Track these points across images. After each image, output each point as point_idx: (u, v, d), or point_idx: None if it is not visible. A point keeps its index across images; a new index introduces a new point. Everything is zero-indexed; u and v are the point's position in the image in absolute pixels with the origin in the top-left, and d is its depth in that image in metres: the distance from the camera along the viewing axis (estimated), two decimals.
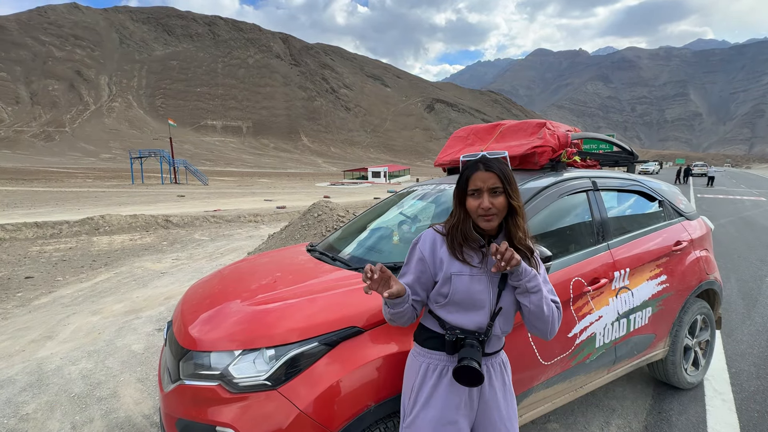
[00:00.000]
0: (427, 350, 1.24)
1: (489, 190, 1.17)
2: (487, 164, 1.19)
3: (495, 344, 1.26)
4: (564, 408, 2.44)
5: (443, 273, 1.22)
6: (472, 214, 1.21)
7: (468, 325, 1.20)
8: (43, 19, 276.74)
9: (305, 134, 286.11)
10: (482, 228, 1.21)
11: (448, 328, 1.21)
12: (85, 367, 2.99)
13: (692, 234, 2.59)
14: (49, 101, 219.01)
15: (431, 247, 1.25)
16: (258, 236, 9.15)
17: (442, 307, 1.23)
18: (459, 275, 1.20)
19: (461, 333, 1.18)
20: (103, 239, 8.70)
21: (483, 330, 1.20)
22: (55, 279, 5.71)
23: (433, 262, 1.24)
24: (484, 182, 1.17)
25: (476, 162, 1.21)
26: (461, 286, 1.19)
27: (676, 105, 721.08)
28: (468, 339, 1.16)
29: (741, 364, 2.98)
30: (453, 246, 1.22)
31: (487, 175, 1.17)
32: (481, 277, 1.21)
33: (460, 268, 1.21)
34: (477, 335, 1.18)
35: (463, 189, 1.22)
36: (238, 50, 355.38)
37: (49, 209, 14.59)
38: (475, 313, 1.20)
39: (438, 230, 1.28)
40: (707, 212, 12.10)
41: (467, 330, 1.19)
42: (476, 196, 1.19)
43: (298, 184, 45.16)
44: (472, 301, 1.19)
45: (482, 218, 1.18)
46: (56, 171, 62.87)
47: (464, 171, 1.23)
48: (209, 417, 1.28)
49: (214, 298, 1.69)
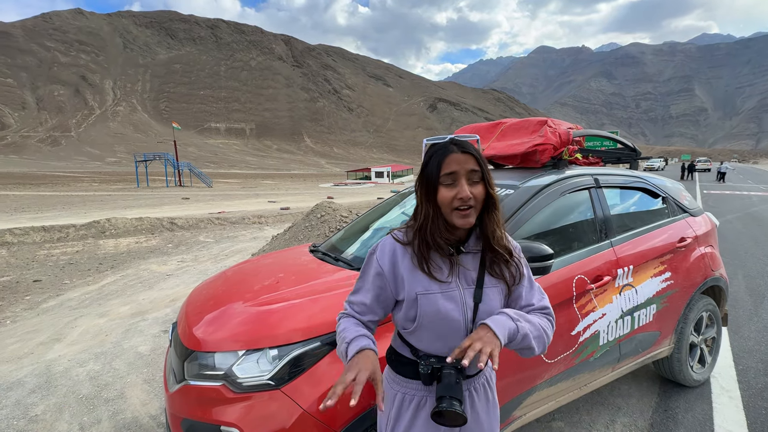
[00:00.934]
0: (401, 378, 1.06)
1: (467, 175, 0.96)
2: (461, 145, 0.98)
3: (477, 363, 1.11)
4: (569, 406, 2.43)
5: (406, 292, 1.01)
6: (444, 209, 0.98)
7: (443, 351, 1.01)
8: (48, 25, 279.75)
9: (308, 135, 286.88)
10: (457, 225, 0.98)
11: (422, 357, 1.02)
12: (93, 369, 3.02)
13: (697, 230, 2.57)
14: (54, 106, 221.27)
15: (391, 260, 1.03)
16: (262, 237, 9.19)
17: (411, 333, 1.03)
18: (426, 294, 0.99)
19: (437, 362, 0.98)
20: (109, 242, 8.78)
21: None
22: (62, 282, 5.77)
23: (393, 278, 1.03)
24: (461, 165, 0.95)
25: (447, 144, 0.99)
26: (429, 308, 0.99)
27: (681, 101, 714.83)
28: (445, 369, 0.96)
29: (748, 361, 2.95)
30: (420, 257, 1.00)
31: (464, 157, 0.96)
32: (452, 293, 1.00)
33: (426, 285, 1.00)
34: (455, 363, 0.97)
35: (433, 177, 0.97)
36: (241, 53, 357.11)
37: (56, 213, 14.75)
38: (449, 336, 1.00)
39: (398, 238, 1.05)
40: (714, 208, 11.99)
41: (443, 357, 1.00)
42: (451, 184, 0.96)
43: (301, 185, 45.29)
44: (444, 323, 0.99)
45: (458, 212, 0.96)
46: (62, 175, 63.55)
47: (433, 155, 0.99)
48: (214, 417, 1.29)
49: (217, 299, 1.71)
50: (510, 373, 1.68)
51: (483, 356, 0.86)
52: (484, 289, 1.01)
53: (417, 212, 1.03)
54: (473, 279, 1.02)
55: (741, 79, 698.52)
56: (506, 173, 2.26)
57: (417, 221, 1.02)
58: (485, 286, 1.02)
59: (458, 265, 1.02)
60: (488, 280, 1.03)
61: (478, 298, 1.01)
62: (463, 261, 1.02)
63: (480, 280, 1.02)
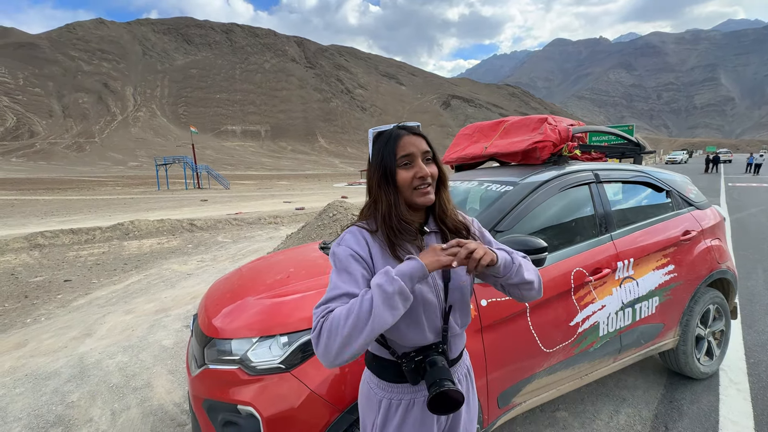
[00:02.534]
0: (386, 383, 1.01)
1: (422, 155, 0.99)
2: (410, 129, 1.02)
3: (458, 344, 1.07)
4: (573, 397, 2.48)
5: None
6: (405, 190, 0.98)
7: (423, 339, 0.98)
8: (72, 36, 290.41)
9: (322, 135, 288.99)
10: (419, 203, 0.99)
11: (401, 355, 0.98)
12: (122, 361, 3.23)
13: (702, 223, 2.58)
14: (79, 114, 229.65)
15: (363, 246, 0.98)
16: (278, 237, 9.42)
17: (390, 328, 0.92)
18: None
19: (417, 354, 0.96)
20: (133, 243, 9.17)
21: (440, 338, 1.00)
22: (90, 282, 6.09)
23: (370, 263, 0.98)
24: (416, 146, 0.98)
25: (396, 129, 1.02)
26: None
27: (706, 90, 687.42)
28: (429, 357, 0.94)
29: (760, 355, 2.93)
30: (391, 241, 0.98)
31: (417, 139, 0.99)
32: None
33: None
34: (435, 347, 0.97)
35: (390, 161, 0.97)
36: (255, 56, 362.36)
37: (83, 216, 15.42)
38: (426, 319, 0.98)
39: (364, 226, 1.02)
40: (737, 201, 11.60)
41: (423, 347, 0.98)
42: (408, 164, 0.98)
43: (315, 185, 45.77)
44: (422, 308, 0.97)
45: (418, 191, 0.98)
46: (88, 180, 65.96)
47: (387, 142, 0.99)
48: (231, 396, 1.43)
49: (234, 292, 1.85)
50: (509, 361, 1.76)
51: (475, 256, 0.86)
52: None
53: (377, 200, 1.01)
54: None
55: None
56: (507, 170, 2.32)
57: (380, 207, 0.99)
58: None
59: (424, 247, 1.01)
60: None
61: (447, 277, 1.01)
62: (428, 242, 1.03)
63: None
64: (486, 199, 2.04)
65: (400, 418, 0.99)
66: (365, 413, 1.07)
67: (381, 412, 1.01)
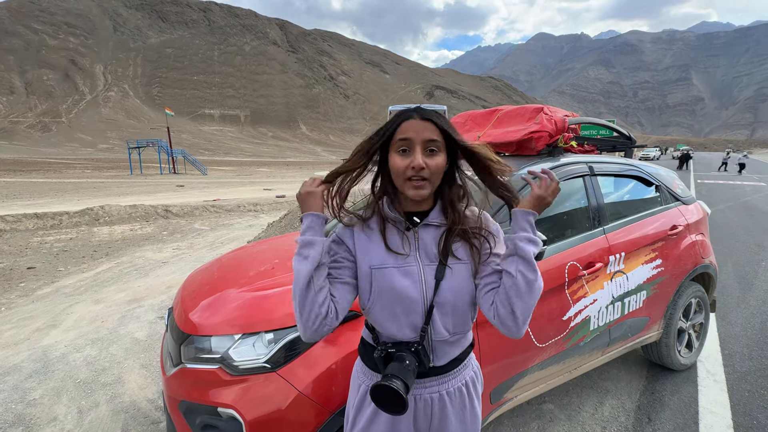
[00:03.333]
0: (368, 369, 1.01)
1: (423, 144, 0.88)
2: (423, 112, 0.91)
3: (448, 351, 0.97)
4: (559, 389, 2.49)
5: (361, 266, 0.95)
6: (396, 179, 0.91)
7: (400, 334, 0.93)
8: (35, 7, 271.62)
9: (304, 122, 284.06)
10: (409, 196, 0.91)
11: (379, 343, 0.96)
12: (90, 354, 3.04)
13: (688, 218, 2.61)
14: (44, 91, 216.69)
15: (350, 234, 0.98)
16: (258, 225, 9.17)
17: (368, 312, 0.96)
18: (380, 269, 0.92)
19: (392, 346, 0.92)
20: (104, 230, 8.73)
21: (418, 337, 0.93)
22: (56, 269, 5.75)
23: (353, 247, 0.96)
24: (418, 133, 0.88)
25: (409, 110, 0.93)
26: (384, 284, 0.92)
27: (679, 90, 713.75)
28: (398, 352, 0.90)
29: (734, 346, 3.03)
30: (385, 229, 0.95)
31: (423, 124, 0.89)
32: (409, 267, 0.93)
33: (382, 259, 0.93)
34: (413, 346, 0.91)
35: (386, 136, 0.91)
36: (234, 37, 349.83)
37: (49, 200, 14.59)
38: (405, 315, 0.92)
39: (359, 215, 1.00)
40: (706, 197, 12.10)
41: (400, 342, 0.93)
42: (405, 151, 0.89)
43: (297, 173, 45.01)
44: (399, 300, 0.91)
45: (410, 183, 0.89)
46: (54, 162, 62.61)
47: (394, 119, 0.92)
48: (211, 398, 1.32)
49: (213, 284, 1.72)
50: (503, 356, 1.72)
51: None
52: (449, 265, 0.93)
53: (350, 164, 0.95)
54: (435, 254, 0.94)
55: (739, 68, 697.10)
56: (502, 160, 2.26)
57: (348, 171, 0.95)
58: (450, 263, 0.93)
59: (417, 239, 0.95)
60: (453, 256, 0.93)
61: (440, 275, 0.92)
62: (423, 235, 0.95)
63: (444, 256, 0.93)
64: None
65: (374, 409, 0.98)
66: (351, 393, 1.07)
67: (359, 395, 1.02)
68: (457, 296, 0.93)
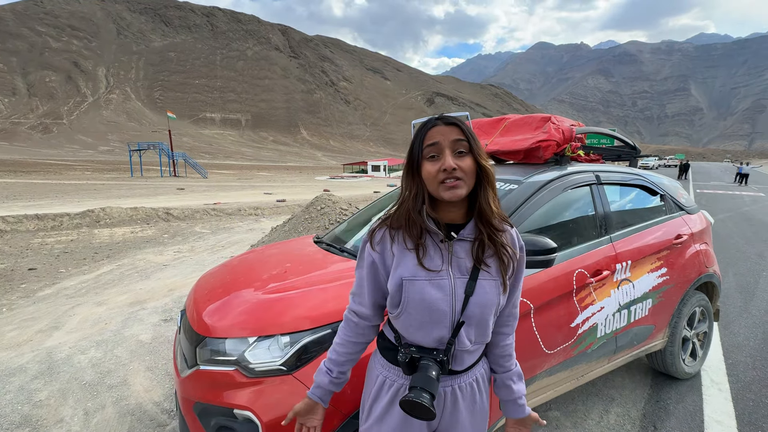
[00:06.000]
0: (385, 361, 1.04)
1: (451, 146, 0.90)
2: (445, 118, 0.94)
3: (466, 359, 1.01)
4: (565, 396, 2.50)
5: (393, 276, 0.96)
6: (430, 185, 0.92)
7: (425, 341, 0.96)
8: (39, 9, 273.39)
9: (304, 127, 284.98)
10: (445, 198, 0.91)
11: (403, 345, 0.98)
12: (95, 356, 3.04)
13: (692, 228, 2.63)
14: (46, 93, 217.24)
15: (381, 246, 0.99)
16: (259, 229, 9.18)
17: (395, 318, 0.98)
18: (412, 281, 0.93)
19: (416, 352, 0.95)
20: (104, 232, 8.73)
21: (443, 347, 0.95)
22: (57, 271, 5.74)
23: (383, 265, 0.99)
24: (444, 135, 0.91)
25: (432, 118, 0.96)
26: (415, 295, 0.93)
27: (677, 100, 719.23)
28: (423, 360, 0.93)
29: (737, 356, 3.04)
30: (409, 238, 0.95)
31: (448, 128, 0.92)
32: (441, 281, 0.93)
33: (413, 271, 0.93)
34: (435, 354, 0.94)
35: (417, 152, 0.93)
36: (237, 42, 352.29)
37: (49, 201, 14.59)
38: (432, 326, 0.94)
39: (388, 223, 1.01)
40: (706, 207, 12.14)
41: (424, 348, 0.96)
42: (435, 156, 0.91)
43: (297, 177, 45.08)
44: (428, 312, 0.93)
45: (444, 186, 0.90)
46: (54, 163, 62.64)
47: (418, 131, 0.95)
48: (226, 400, 1.33)
49: (226, 287, 1.73)
50: None
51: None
52: (478, 280, 0.94)
53: (402, 192, 0.98)
54: (468, 268, 0.95)
55: (736, 79, 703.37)
56: (509, 168, 2.29)
57: (399, 203, 0.98)
58: (480, 277, 0.94)
59: (451, 253, 0.95)
60: (484, 271, 0.95)
61: (470, 290, 0.94)
62: (457, 249, 0.96)
63: (474, 271, 0.94)
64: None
65: (390, 398, 1.01)
66: (367, 382, 1.10)
67: (376, 385, 1.04)
68: (484, 311, 0.95)
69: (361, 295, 1.05)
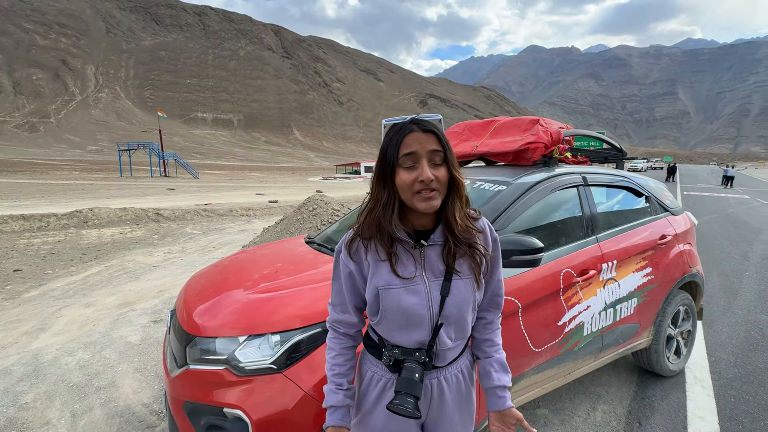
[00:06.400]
0: (374, 358, 1.05)
1: (429, 156, 0.89)
2: (422, 124, 0.91)
3: (448, 356, 1.03)
4: (552, 394, 2.54)
5: (370, 286, 0.97)
6: (404, 194, 0.90)
7: (406, 343, 0.97)
8: (26, 6, 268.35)
9: (297, 128, 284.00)
10: (420, 209, 0.90)
11: (387, 346, 1.00)
12: (82, 358, 3.00)
13: (677, 228, 2.70)
14: (32, 91, 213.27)
15: (356, 256, 0.99)
16: (251, 230, 9.13)
17: (376, 324, 1.00)
18: (387, 289, 0.94)
19: (400, 354, 0.97)
20: (93, 232, 8.60)
21: (425, 347, 0.97)
22: (44, 272, 5.65)
23: (361, 274, 0.99)
24: (422, 145, 0.88)
25: (407, 123, 0.92)
26: (392, 303, 0.94)
27: (665, 103, 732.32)
28: (406, 362, 0.95)
29: (720, 353, 3.11)
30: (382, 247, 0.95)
31: (425, 137, 0.89)
32: (416, 286, 0.95)
33: (388, 279, 0.94)
34: (417, 356, 0.96)
35: (391, 159, 0.90)
36: (229, 41, 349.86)
37: (36, 201, 14.32)
38: (413, 330, 0.96)
39: (359, 232, 0.99)
40: (693, 209, 12.39)
41: (407, 349, 0.97)
42: (411, 166, 0.89)
43: (290, 178, 44.88)
44: (407, 317, 0.95)
45: (419, 196, 0.89)
46: (41, 163, 61.48)
47: (394, 134, 0.91)
48: (216, 399, 1.33)
49: (217, 286, 1.74)
50: None
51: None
52: (452, 281, 0.96)
53: (372, 198, 0.96)
54: (441, 271, 0.96)
55: (722, 84, 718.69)
56: (499, 170, 2.33)
57: (368, 207, 0.96)
58: (454, 278, 0.96)
59: (423, 258, 0.96)
60: (456, 271, 0.97)
61: (445, 291, 0.96)
62: (429, 253, 0.97)
63: (448, 272, 0.96)
64: (479, 198, 2.02)
65: (378, 393, 1.02)
66: (356, 379, 1.11)
67: (365, 380, 1.06)
68: (461, 309, 0.97)
69: (343, 305, 1.04)
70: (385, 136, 0.95)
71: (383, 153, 0.92)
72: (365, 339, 1.10)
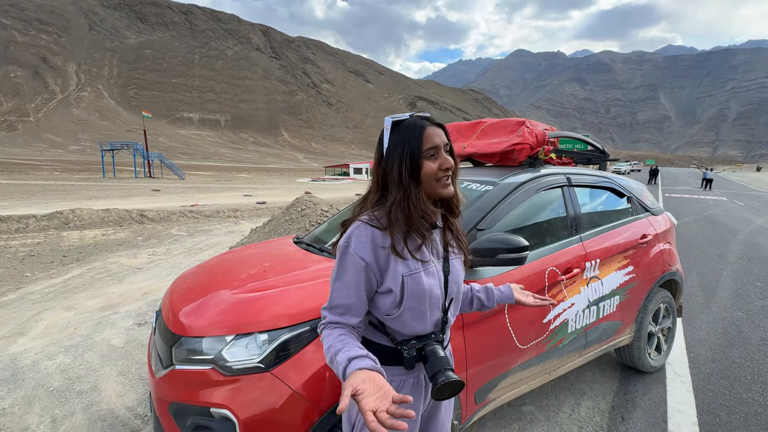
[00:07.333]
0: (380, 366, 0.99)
1: (444, 147, 1.00)
2: (430, 119, 1.01)
3: (447, 334, 1.10)
4: (538, 391, 2.58)
5: (391, 278, 0.97)
6: (428, 182, 0.98)
7: (423, 329, 1.01)
8: (4, 1, 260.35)
9: (286, 129, 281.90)
10: (442, 195, 1.00)
11: (402, 342, 1.00)
12: (63, 362, 2.92)
13: (657, 228, 2.78)
14: (10, 89, 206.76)
15: (372, 248, 0.96)
16: (238, 232, 9.02)
17: (395, 318, 1.00)
18: (411, 275, 0.97)
19: (417, 342, 1.00)
20: (74, 234, 8.38)
21: (439, 328, 1.04)
22: (22, 275, 5.48)
23: (377, 268, 0.97)
24: (440, 138, 0.99)
25: (418, 119, 0.99)
26: (416, 288, 0.97)
27: (648, 108, 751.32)
28: (428, 346, 0.99)
29: (699, 350, 3.21)
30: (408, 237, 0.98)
31: (440, 131, 1.00)
32: (431, 268, 1.01)
33: (410, 266, 0.98)
34: (434, 336, 1.01)
35: (416, 153, 0.95)
36: (216, 41, 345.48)
37: (14, 202, 13.89)
38: (431, 312, 1.02)
39: (372, 223, 0.98)
40: (673, 210, 12.74)
41: (422, 336, 1.01)
42: (433, 156, 0.98)
43: (278, 179, 44.51)
44: (428, 300, 1.00)
45: (441, 183, 0.99)
46: (20, 162, 59.60)
47: (413, 130, 0.96)
48: (203, 399, 1.32)
49: (203, 286, 1.72)
50: (488, 358, 1.78)
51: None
52: (450, 261, 1.07)
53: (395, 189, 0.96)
54: (440, 252, 1.06)
55: (701, 90, 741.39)
56: (485, 170, 2.36)
57: (397, 204, 0.96)
58: (450, 258, 1.07)
59: (431, 241, 1.03)
60: (451, 251, 1.08)
61: (447, 270, 1.05)
62: (433, 236, 1.05)
63: (446, 252, 1.07)
64: (466, 198, 2.05)
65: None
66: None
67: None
68: (459, 286, 1.10)
69: (348, 306, 0.97)
70: (392, 133, 0.98)
71: (404, 149, 0.96)
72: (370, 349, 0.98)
